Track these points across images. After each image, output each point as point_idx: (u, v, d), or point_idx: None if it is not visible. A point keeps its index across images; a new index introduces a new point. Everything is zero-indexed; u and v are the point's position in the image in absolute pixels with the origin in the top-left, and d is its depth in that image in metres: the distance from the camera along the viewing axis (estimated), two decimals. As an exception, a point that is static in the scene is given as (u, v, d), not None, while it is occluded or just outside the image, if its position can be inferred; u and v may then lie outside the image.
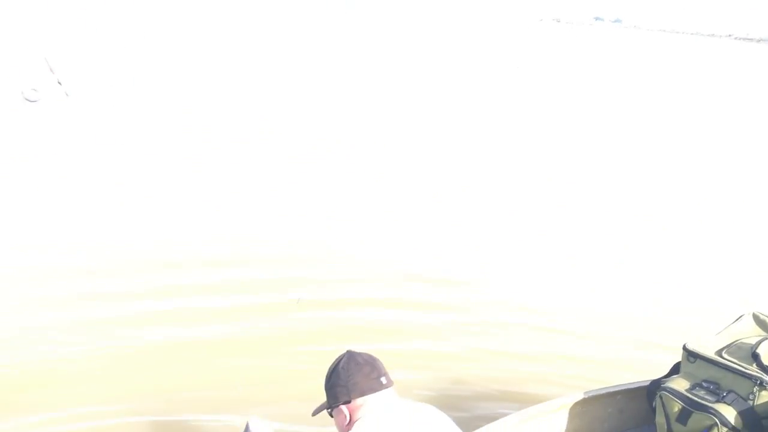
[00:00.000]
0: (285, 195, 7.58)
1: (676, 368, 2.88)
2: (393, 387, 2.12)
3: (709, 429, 2.57)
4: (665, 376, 2.90)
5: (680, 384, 2.72)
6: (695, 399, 2.63)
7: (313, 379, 2.75)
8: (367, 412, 2.04)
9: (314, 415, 2.23)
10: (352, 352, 2.17)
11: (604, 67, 36.45)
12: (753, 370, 2.61)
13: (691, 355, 2.76)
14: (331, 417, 2.16)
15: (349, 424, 2.05)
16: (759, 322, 2.93)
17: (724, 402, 2.58)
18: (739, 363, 2.65)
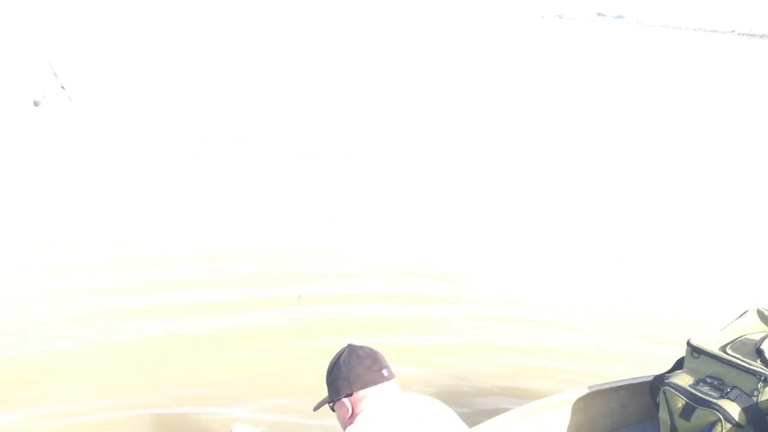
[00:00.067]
0: (285, 195, 7.57)
1: (680, 364, 2.86)
2: (395, 379, 2.09)
3: (713, 425, 2.56)
4: (668, 372, 2.88)
5: (684, 379, 2.70)
6: (699, 395, 2.61)
7: (314, 373, 2.75)
8: (369, 405, 2.00)
9: (316, 410, 2.21)
10: (353, 346, 2.14)
11: (606, 64, 36.36)
12: (757, 366, 2.59)
13: (695, 351, 2.75)
14: (333, 411, 2.14)
15: (351, 417, 2.02)
16: (763, 318, 2.92)
17: (728, 398, 2.57)
18: (744, 359, 2.63)
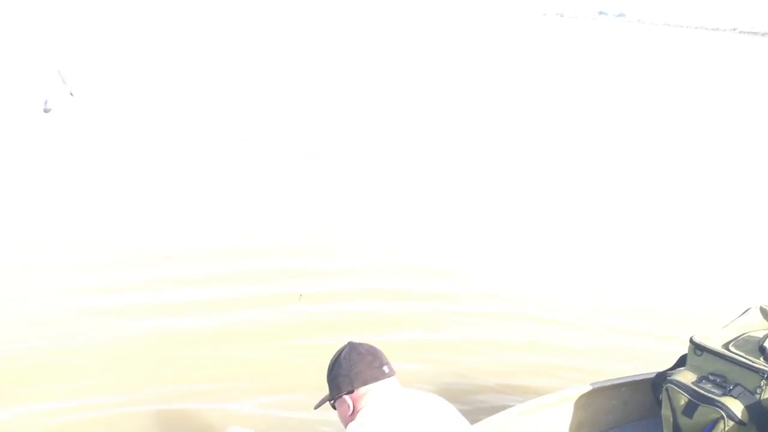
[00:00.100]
0: (285, 195, 7.57)
1: (682, 361, 2.86)
2: (396, 376, 2.08)
3: (716, 422, 2.55)
4: (671, 369, 2.88)
5: (686, 377, 2.70)
6: (702, 392, 2.61)
7: (314, 371, 2.75)
8: (370, 402, 1.99)
9: (316, 409, 2.20)
10: (354, 343, 2.13)
11: (606, 63, 36.44)
12: (760, 363, 2.59)
13: (697, 348, 2.74)
14: (334, 409, 2.13)
15: (353, 414, 2.01)
16: (766, 315, 2.92)
17: (731, 395, 2.56)
18: (747, 356, 2.63)
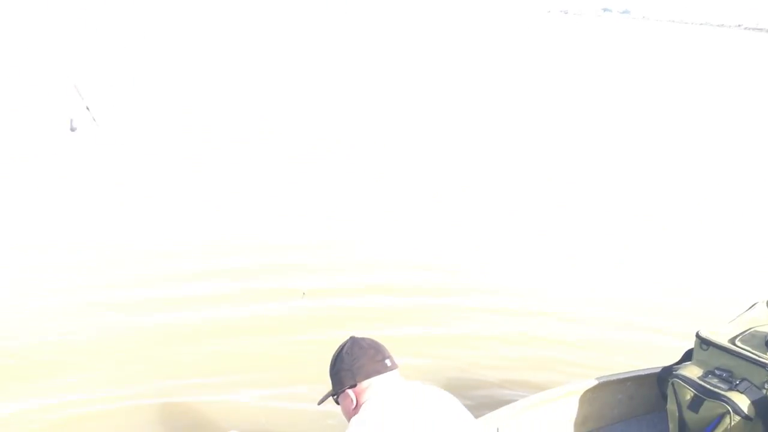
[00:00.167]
0: (285, 195, 7.57)
1: (688, 355, 2.86)
2: (398, 369, 2.08)
3: (722, 417, 2.55)
4: (676, 363, 2.88)
5: (692, 371, 2.70)
6: (708, 387, 2.61)
7: (316, 365, 2.77)
8: (373, 395, 1.99)
9: (320, 404, 2.20)
10: (356, 338, 2.13)
11: (610, 61, 36.42)
12: (767, 358, 2.59)
13: (704, 343, 2.74)
14: (338, 404, 2.12)
15: (356, 408, 2.00)
16: (772, 310, 2.92)
17: (737, 390, 2.56)
18: (753, 351, 2.63)
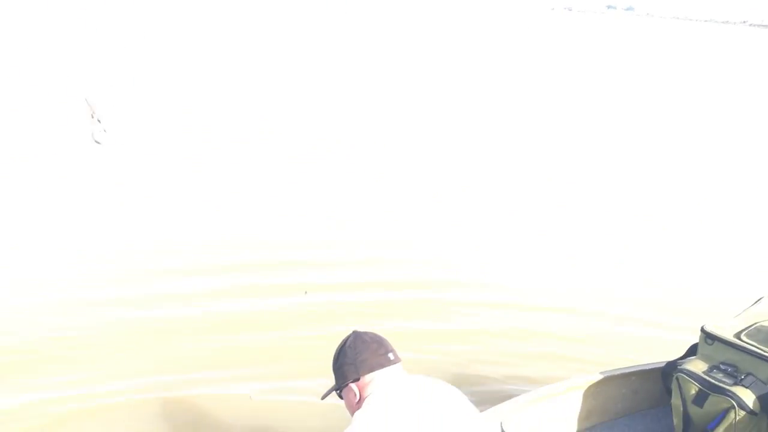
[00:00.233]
0: (285, 194, 7.57)
1: (693, 350, 2.85)
2: (401, 363, 2.08)
3: (726, 412, 2.54)
4: (681, 358, 2.88)
5: (697, 366, 2.69)
6: (712, 381, 2.60)
7: (319, 359, 2.79)
8: (376, 389, 1.98)
9: (323, 398, 2.20)
10: (358, 332, 2.13)
11: (612, 59, 36.38)
12: None
13: (708, 337, 2.74)
14: (341, 398, 2.12)
15: (359, 402, 2.00)
16: (778, 304, 2.91)
17: (742, 385, 2.56)
18: (758, 346, 2.63)
